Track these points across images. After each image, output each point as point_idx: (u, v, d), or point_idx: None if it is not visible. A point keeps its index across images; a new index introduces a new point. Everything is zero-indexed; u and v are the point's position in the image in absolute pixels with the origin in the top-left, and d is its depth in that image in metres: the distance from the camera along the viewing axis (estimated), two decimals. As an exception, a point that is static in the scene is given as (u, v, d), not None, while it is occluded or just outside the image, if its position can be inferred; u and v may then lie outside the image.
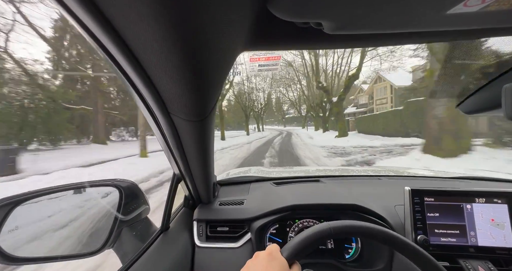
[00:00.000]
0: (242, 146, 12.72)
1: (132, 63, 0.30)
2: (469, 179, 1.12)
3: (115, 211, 0.67)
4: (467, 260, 0.68)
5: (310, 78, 23.89)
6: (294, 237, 0.43)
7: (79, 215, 0.73)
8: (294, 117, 64.79)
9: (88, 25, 0.25)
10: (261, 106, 37.57)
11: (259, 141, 16.17)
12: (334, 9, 0.27)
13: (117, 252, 0.69)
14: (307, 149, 10.10)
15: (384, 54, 17.95)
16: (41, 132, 11.54)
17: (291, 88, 34.63)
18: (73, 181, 0.67)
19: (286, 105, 53.74)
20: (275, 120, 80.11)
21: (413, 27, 0.31)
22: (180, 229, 0.81)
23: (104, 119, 16.59)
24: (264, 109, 39.54)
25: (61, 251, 0.67)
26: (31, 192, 0.58)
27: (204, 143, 0.54)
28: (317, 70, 18.65)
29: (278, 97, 45.85)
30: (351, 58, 20.48)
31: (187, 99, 0.38)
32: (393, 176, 1.25)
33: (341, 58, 20.48)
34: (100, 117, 15.98)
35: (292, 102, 39.85)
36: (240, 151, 10.48)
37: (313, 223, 0.84)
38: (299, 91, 30.94)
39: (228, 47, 0.32)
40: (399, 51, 16.92)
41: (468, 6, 0.25)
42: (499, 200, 0.72)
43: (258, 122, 39.49)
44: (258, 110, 36.70)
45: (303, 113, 41.90)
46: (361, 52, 14.82)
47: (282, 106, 54.13)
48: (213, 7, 0.23)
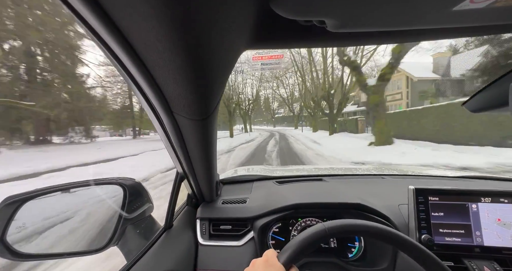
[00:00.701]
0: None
1: (135, 63, 0.30)
2: (474, 178, 1.11)
3: (119, 209, 0.68)
4: (473, 260, 0.67)
5: (313, 64, 21.06)
6: (290, 241, 0.43)
7: (84, 213, 0.75)
8: (284, 117, 62.35)
9: (93, 25, 0.25)
10: (248, 102, 33.07)
11: (245, 149, 10.50)
12: (337, 7, 0.26)
13: (122, 249, 0.70)
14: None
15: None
16: None
17: (282, 84, 31.16)
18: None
19: (276, 102, 51.04)
20: (264, 120, 77.25)
21: (418, 24, 0.31)
22: (183, 227, 0.82)
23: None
24: (252, 107, 34.75)
25: (67, 248, 0.68)
26: (37, 190, 0.59)
27: (207, 141, 0.55)
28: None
29: (267, 95, 43.56)
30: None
31: (190, 98, 0.38)
32: (397, 175, 1.23)
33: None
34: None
35: (284, 99, 37.42)
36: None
37: (316, 222, 0.84)
38: (296, 83, 27.12)
39: (231, 46, 0.32)
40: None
41: (475, 2, 0.24)
42: (505, 199, 0.71)
43: (245, 121, 33.72)
44: (245, 107, 32.20)
45: (296, 112, 39.59)
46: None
47: (271, 104, 51.44)
48: (216, 7, 0.23)
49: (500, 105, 0.61)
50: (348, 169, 1.53)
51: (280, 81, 31.01)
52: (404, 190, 0.80)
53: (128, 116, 23.64)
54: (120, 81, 19.92)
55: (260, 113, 69.12)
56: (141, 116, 23.50)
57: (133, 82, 0.35)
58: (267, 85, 34.27)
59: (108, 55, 0.30)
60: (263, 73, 26.19)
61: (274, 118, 59.62)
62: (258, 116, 74.94)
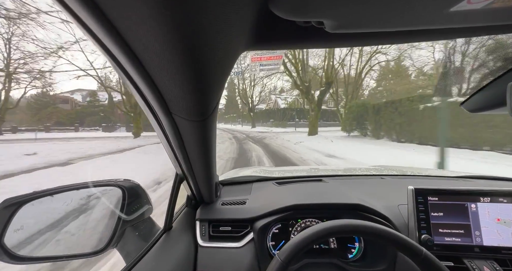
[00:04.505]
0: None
1: (134, 64, 0.30)
2: (473, 178, 1.11)
3: (118, 211, 0.68)
4: (472, 260, 0.67)
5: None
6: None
7: (83, 215, 0.74)
8: (269, 111, 36.19)
9: (91, 27, 0.25)
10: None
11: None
12: (335, 8, 0.26)
13: (121, 251, 0.69)
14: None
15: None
16: None
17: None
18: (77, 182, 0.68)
19: (258, 87, 31.76)
20: (238, 116, 45.39)
21: (416, 25, 0.31)
22: (182, 229, 0.82)
23: None
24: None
25: (65, 251, 0.67)
26: (35, 193, 0.59)
27: (206, 142, 0.54)
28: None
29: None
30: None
31: (189, 99, 0.38)
32: (396, 175, 1.24)
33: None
34: None
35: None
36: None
37: (316, 222, 0.84)
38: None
39: (229, 47, 0.32)
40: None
41: (472, 3, 0.25)
42: (504, 199, 0.71)
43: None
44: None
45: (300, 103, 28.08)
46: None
47: (248, 90, 32.57)
48: (214, 8, 0.23)
49: (497, 105, 0.61)
50: (348, 169, 1.53)
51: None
52: (403, 190, 0.80)
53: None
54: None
55: (233, 107, 48.49)
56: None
57: (131, 83, 0.35)
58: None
59: (106, 56, 0.30)
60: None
61: (254, 112, 34.60)
62: (230, 111, 51.44)
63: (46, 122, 27.69)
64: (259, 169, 1.51)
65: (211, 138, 0.54)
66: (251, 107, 34.37)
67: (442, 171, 1.38)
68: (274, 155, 7.71)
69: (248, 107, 34.72)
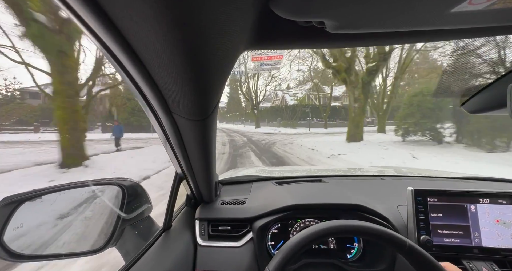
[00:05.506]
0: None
1: (134, 63, 0.30)
2: (473, 179, 1.11)
3: (118, 210, 0.68)
4: (471, 261, 0.67)
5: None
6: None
7: (82, 213, 0.74)
8: (275, 108, 30.72)
9: (91, 26, 0.25)
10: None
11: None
12: (336, 8, 0.26)
13: (120, 250, 0.69)
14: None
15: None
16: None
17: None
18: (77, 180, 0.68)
19: (263, 80, 26.97)
20: (241, 114, 40.25)
21: (417, 25, 0.31)
22: (182, 228, 0.82)
23: None
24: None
25: (65, 249, 0.68)
26: (35, 191, 0.59)
27: (206, 142, 0.54)
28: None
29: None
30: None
31: (189, 98, 0.38)
32: (396, 176, 1.24)
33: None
34: None
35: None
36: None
37: (315, 222, 0.84)
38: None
39: (230, 46, 0.32)
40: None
41: (473, 4, 0.25)
42: (503, 201, 0.71)
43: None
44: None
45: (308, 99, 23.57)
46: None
47: (252, 87, 28.38)
48: (215, 7, 0.23)
49: (497, 106, 0.61)
50: (348, 170, 1.53)
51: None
52: (403, 191, 0.80)
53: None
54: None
55: (235, 105, 45.12)
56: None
57: (132, 82, 0.35)
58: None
59: (107, 55, 0.30)
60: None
61: (258, 109, 29.81)
62: (232, 109, 47.94)
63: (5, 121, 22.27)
64: (259, 168, 1.51)
65: (211, 137, 0.54)
66: (254, 104, 29.80)
67: (441, 172, 1.38)
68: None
69: (251, 104, 30.47)
